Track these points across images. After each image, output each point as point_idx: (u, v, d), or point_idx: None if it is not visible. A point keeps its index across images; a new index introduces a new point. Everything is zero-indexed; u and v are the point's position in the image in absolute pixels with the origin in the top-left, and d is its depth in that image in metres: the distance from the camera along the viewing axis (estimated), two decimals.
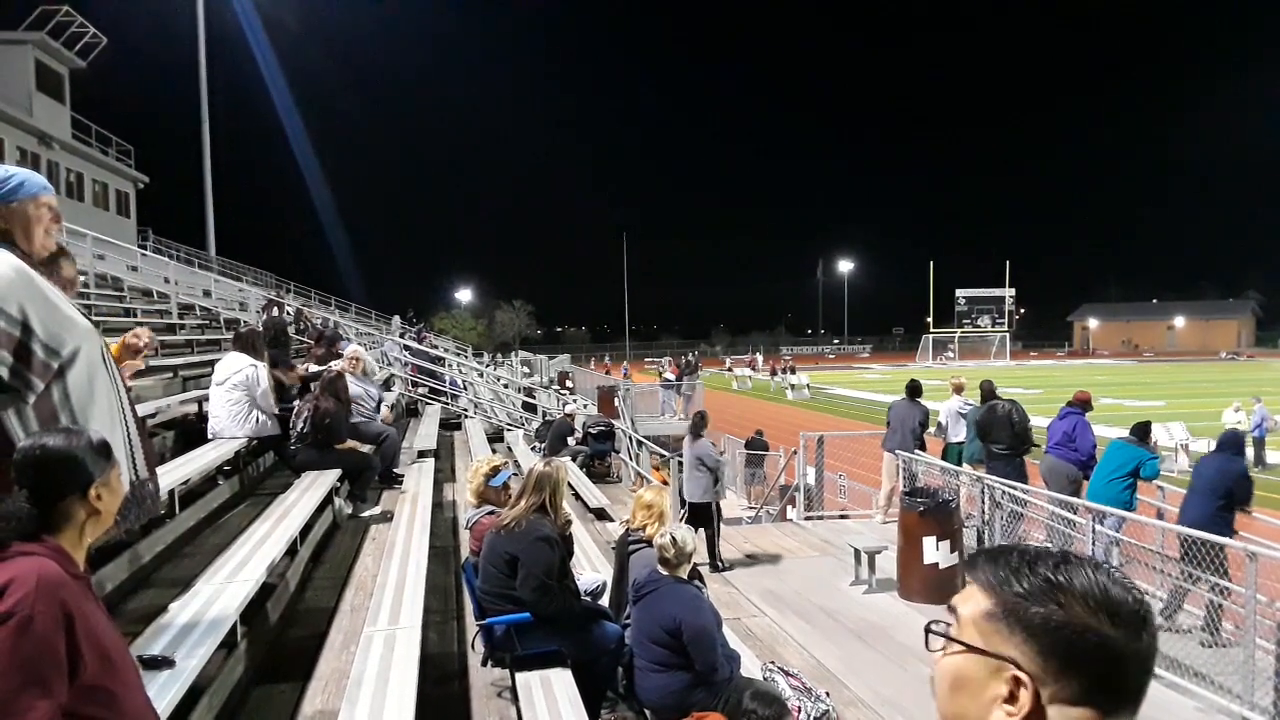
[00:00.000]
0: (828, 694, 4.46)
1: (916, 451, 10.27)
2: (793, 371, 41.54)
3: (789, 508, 12.99)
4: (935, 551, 7.67)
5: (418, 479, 8.25)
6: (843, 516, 11.98)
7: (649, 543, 4.74)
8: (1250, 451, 15.13)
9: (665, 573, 4.22)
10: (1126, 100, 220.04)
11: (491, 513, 4.87)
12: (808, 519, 11.36)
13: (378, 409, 9.21)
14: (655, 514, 4.93)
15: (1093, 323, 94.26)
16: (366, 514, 7.16)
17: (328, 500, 6.62)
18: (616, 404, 19.74)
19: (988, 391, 10.50)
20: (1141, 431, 8.37)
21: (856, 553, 8.37)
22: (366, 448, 7.89)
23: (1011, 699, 0.89)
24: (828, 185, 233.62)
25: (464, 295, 78.87)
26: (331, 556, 6.16)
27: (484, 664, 4.37)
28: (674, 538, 4.21)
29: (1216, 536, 6.43)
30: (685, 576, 4.31)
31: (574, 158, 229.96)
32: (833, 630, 7.13)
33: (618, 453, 13.93)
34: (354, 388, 8.37)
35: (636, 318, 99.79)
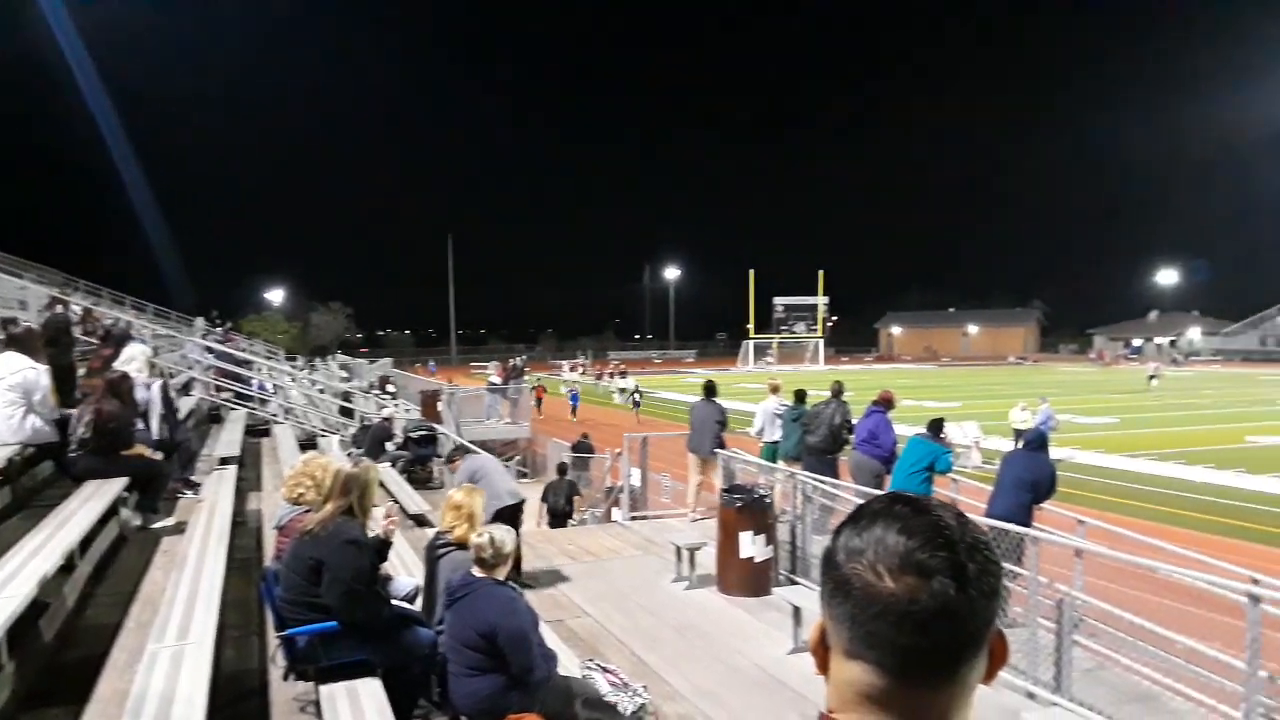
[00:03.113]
0: (645, 688, 4.49)
1: (732, 449, 10.60)
2: (623, 375, 42.01)
3: (614, 509, 13.08)
4: (751, 545, 7.91)
5: (217, 488, 7.72)
6: (665, 516, 12.18)
7: (459, 545, 4.61)
8: None
9: (482, 574, 4.11)
10: (929, 123, 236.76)
11: (306, 512, 4.59)
12: (632, 519, 11.48)
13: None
14: (465, 515, 4.80)
15: (896, 330, 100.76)
16: (158, 525, 6.61)
17: (113, 511, 6.07)
18: (440, 408, 19.30)
19: (836, 391, 10.95)
20: (935, 427, 8.96)
21: (678, 550, 8.52)
22: (158, 454, 7.29)
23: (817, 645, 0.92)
24: (655, 193, 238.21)
25: (276, 296, 74.95)
26: (117, 571, 5.64)
27: (285, 678, 4.11)
28: (492, 538, 4.10)
29: (1016, 527, 6.93)
30: (503, 578, 4.22)
31: (397, 156, 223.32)
32: (654, 627, 7.22)
33: (440, 457, 13.59)
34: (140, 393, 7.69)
35: (463, 321, 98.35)
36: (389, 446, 13.19)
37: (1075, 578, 7.07)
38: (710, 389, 11.31)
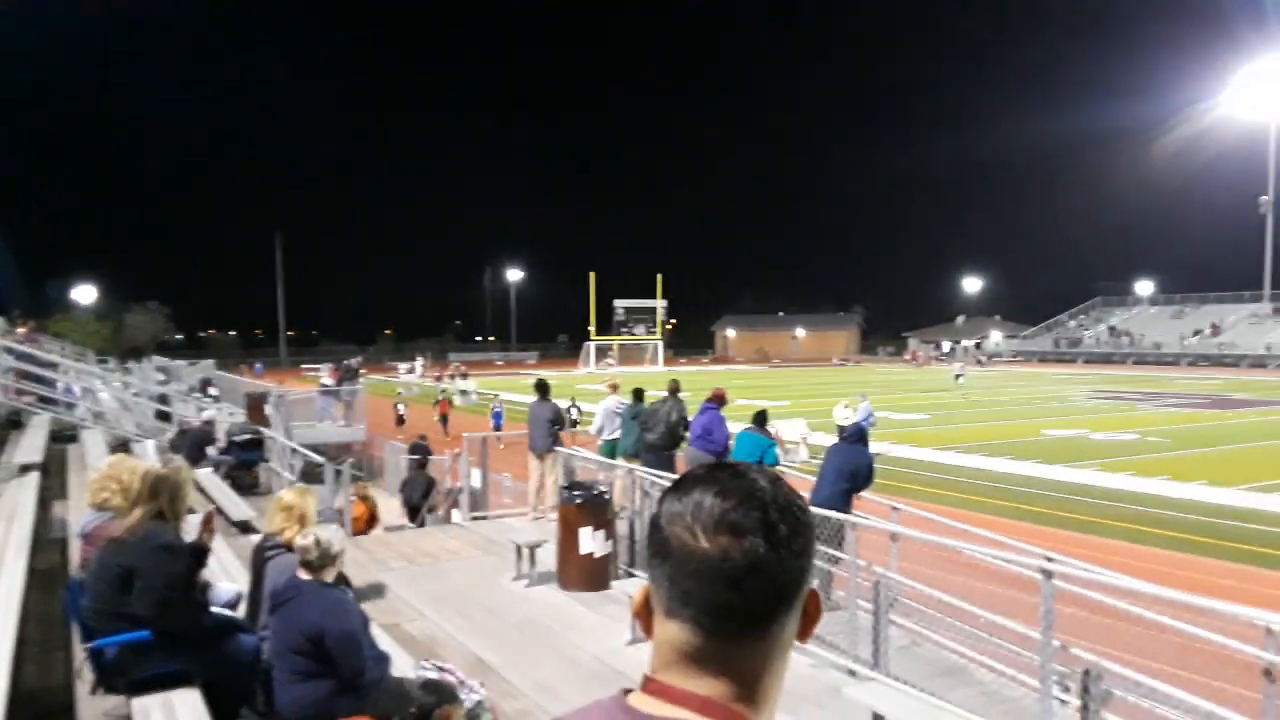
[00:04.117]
0: (482, 684, 4.48)
1: (572, 447, 10.70)
2: (464, 377, 41.34)
3: (454, 510, 12.89)
4: (591, 541, 8.01)
5: (16, 496, 7.11)
6: (507, 516, 12.11)
7: (289, 547, 4.45)
8: None
9: (308, 577, 3.98)
10: (761, 136, 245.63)
11: (114, 518, 4.30)
12: (473, 519, 11.36)
13: None
14: (295, 516, 4.63)
15: (731, 333, 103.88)
16: None
17: None
18: (268, 411, 18.39)
19: (673, 389, 11.18)
20: (760, 419, 9.37)
21: (518, 548, 8.50)
22: None
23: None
24: (496, 194, 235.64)
25: (86, 295, 69.15)
26: None
27: (94, 692, 3.84)
28: (317, 539, 3.97)
29: (836, 513, 7.35)
30: (331, 580, 4.10)
31: (220, 150, 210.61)
32: (493, 626, 7.18)
33: (267, 461, 12.99)
34: None
35: (293, 322, 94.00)
36: (210, 451, 12.49)
37: (891, 561, 7.57)
38: (543, 388, 11.39)
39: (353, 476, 11.17)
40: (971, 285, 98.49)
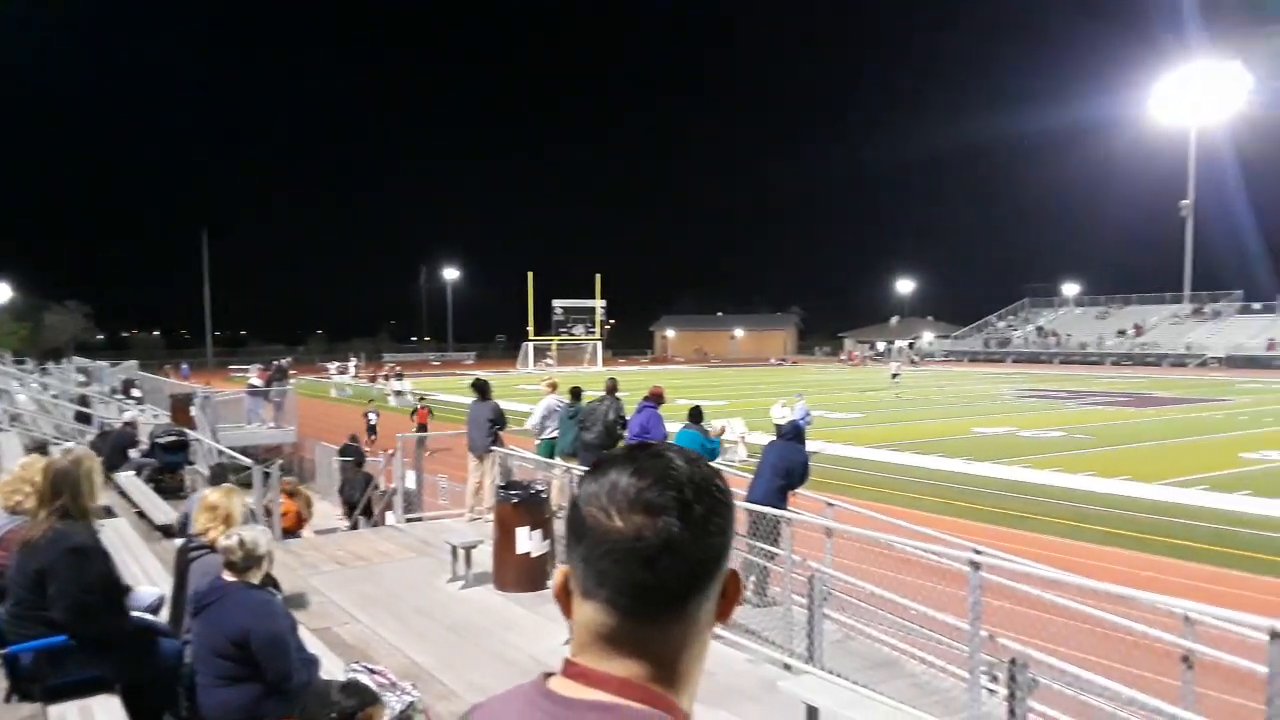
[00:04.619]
0: (414, 686, 4.39)
1: (510, 447, 10.61)
2: (399, 378, 40.69)
3: (387, 512, 12.68)
4: (528, 541, 7.94)
5: None
6: (443, 517, 11.96)
7: (213, 548, 4.31)
8: None
9: (232, 578, 3.86)
10: (701, 138, 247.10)
11: (27, 522, 4.11)
12: (407, 521, 11.18)
13: None
14: (220, 516, 4.49)
15: (670, 333, 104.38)
16: None
17: None
18: (193, 413, 17.88)
19: (610, 387, 11.20)
20: (695, 416, 9.42)
21: (453, 549, 8.38)
22: None
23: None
24: (432, 193, 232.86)
25: (0, 294, 66.41)
26: None
27: (8, 699, 3.67)
28: (241, 540, 3.84)
29: (773, 509, 7.39)
30: (257, 582, 3.98)
31: (146, 146, 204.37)
32: (428, 628, 7.07)
33: (192, 464, 12.62)
34: None
35: (221, 322, 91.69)
36: (133, 454, 12.10)
37: (825, 556, 7.66)
38: (482, 388, 11.28)
39: (280, 473, 10.95)
40: (905, 286, 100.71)
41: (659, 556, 0.85)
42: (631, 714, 0.85)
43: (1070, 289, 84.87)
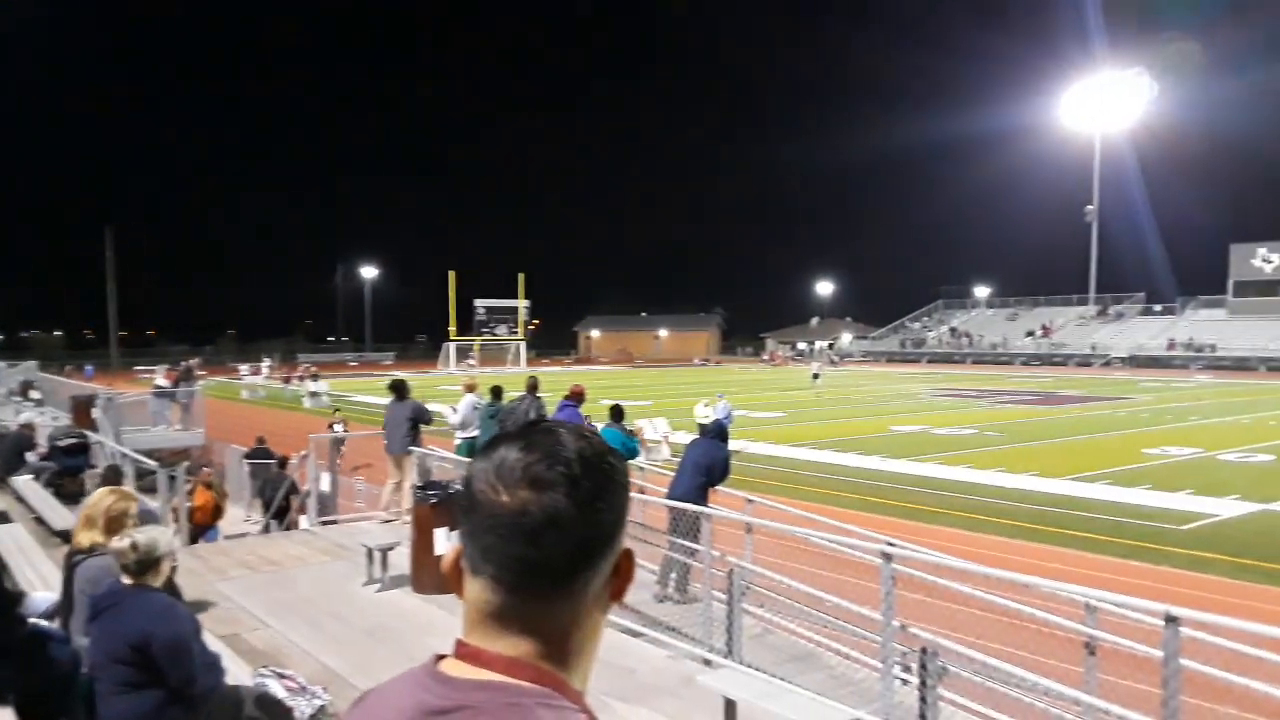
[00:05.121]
0: (325, 689, 4.29)
1: (429, 447, 10.45)
2: (315, 379, 39.66)
3: (301, 516, 12.35)
4: (447, 542, 7.81)
5: None
6: (359, 520, 11.71)
7: (96, 551, 4.12)
8: None
9: (130, 582, 3.69)
10: (623, 141, 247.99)
11: None
12: (322, 524, 10.91)
13: None
14: (103, 519, 4.30)
15: (595, 333, 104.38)
16: None
17: None
18: (95, 415, 17.16)
19: (531, 386, 11.12)
20: (617, 413, 9.43)
21: (369, 551, 8.21)
22: None
23: None
24: (349, 189, 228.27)
25: None
26: None
27: None
28: (134, 542, 3.68)
29: (693, 506, 7.43)
30: (159, 585, 3.82)
31: (48, 138, 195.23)
32: (342, 633, 6.91)
33: (94, 468, 12.09)
34: None
35: (127, 322, 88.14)
36: (30, 457, 11.55)
37: (746, 552, 7.73)
38: (399, 389, 11.10)
39: (198, 466, 10.64)
40: (825, 288, 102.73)
41: (544, 531, 0.85)
42: (519, 692, 0.84)
43: (982, 291, 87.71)
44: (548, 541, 0.85)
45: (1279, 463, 19.03)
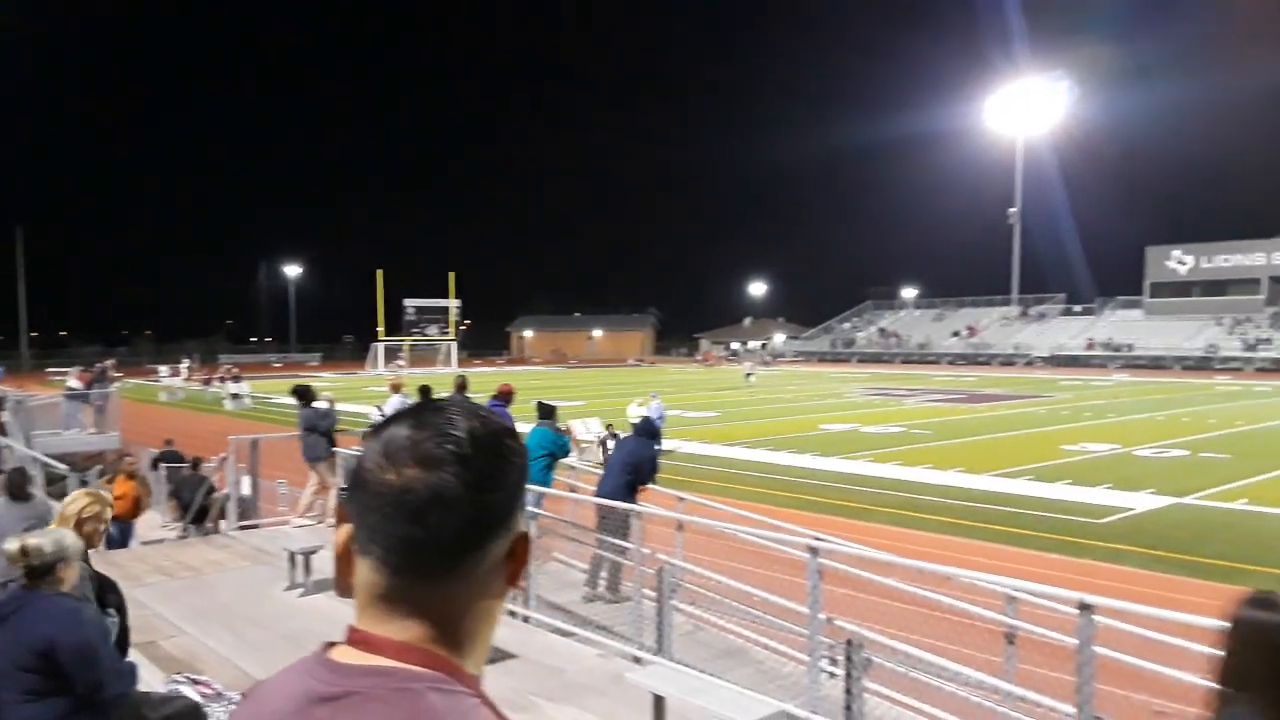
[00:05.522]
0: (243, 695, 4.16)
1: (354, 447, 10.24)
2: (236, 380, 38.58)
3: (220, 520, 11.99)
4: None
5: None
6: (280, 524, 11.42)
7: None
8: None
9: (31, 586, 3.52)
10: (557, 141, 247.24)
11: None
12: (241, 528, 10.61)
13: None
14: None
15: (528, 333, 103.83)
16: None
17: None
18: (4, 418, 16.46)
19: (460, 385, 11.08)
20: (546, 410, 9.37)
21: (291, 556, 8.01)
22: None
23: None
24: (272, 186, 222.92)
25: None
26: None
27: None
28: (23, 546, 3.49)
29: (621, 503, 7.42)
30: (66, 589, 3.65)
31: None
32: (262, 639, 6.73)
33: (2, 473, 11.56)
34: None
35: (38, 323, 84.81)
36: None
37: (677, 549, 7.75)
38: (303, 394, 10.86)
39: (115, 464, 10.24)
40: (757, 289, 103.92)
41: (429, 510, 0.82)
42: (410, 677, 0.81)
43: (909, 292, 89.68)
44: (433, 520, 0.82)
45: (1192, 458, 19.83)
